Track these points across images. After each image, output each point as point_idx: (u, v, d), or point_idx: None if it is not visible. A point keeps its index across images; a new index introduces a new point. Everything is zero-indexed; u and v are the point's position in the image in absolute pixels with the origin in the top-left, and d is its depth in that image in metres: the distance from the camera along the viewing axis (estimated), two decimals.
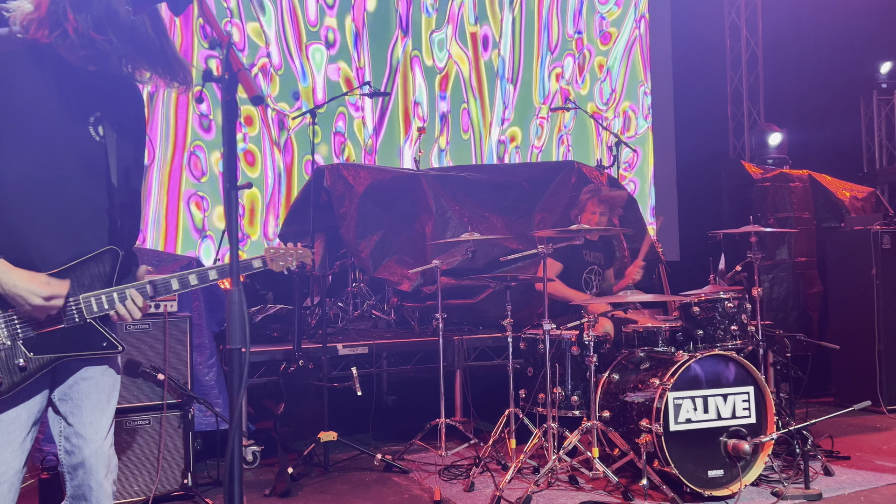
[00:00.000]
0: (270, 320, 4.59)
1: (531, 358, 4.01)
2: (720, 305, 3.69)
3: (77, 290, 1.83)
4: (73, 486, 1.90)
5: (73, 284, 1.82)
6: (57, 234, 1.82)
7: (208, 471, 3.83)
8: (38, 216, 1.79)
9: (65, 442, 1.90)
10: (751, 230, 3.95)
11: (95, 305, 1.84)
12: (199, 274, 1.94)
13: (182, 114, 6.03)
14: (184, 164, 6.03)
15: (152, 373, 3.45)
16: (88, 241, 1.87)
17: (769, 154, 7.12)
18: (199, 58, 6.11)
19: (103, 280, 1.88)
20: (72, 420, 1.89)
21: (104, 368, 1.96)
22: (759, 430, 3.46)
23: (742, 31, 8.27)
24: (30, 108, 1.77)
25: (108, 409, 1.96)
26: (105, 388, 1.95)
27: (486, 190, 5.29)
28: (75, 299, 1.83)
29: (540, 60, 7.46)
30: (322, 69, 6.53)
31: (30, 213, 1.78)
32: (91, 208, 1.88)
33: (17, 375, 1.78)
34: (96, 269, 1.87)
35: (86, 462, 1.88)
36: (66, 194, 1.83)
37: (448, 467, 3.90)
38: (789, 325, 5.39)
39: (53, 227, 1.81)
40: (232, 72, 1.34)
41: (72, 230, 1.84)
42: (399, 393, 5.28)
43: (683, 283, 4.70)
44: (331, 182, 5.06)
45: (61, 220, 1.83)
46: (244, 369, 1.36)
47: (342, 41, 6.64)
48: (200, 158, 6.08)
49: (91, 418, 1.90)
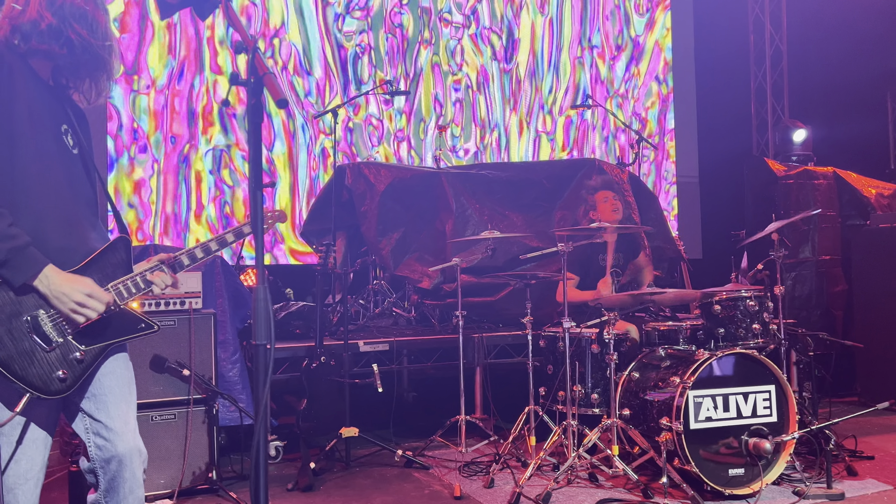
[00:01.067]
0: (293, 317, 4.65)
1: (551, 356, 4.02)
2: (742, 304, 3.67)
3: (104, 281, 1.92)
4: (107, 480, 1.95)
5: (99, 276, 1.92)
6: (66, 229, 1.92)
7: (232, 465, 3.89)
8: (52, 216, 1.89)
9: (94, 437, 1.96)
10: (778, 225, 3.91)
11: (125, 291, 1.94)
12: (202, 247, 2.07)
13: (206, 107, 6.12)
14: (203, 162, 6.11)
15: (178, 368, 3.51)
16: (92, 239, 1.97)
17: (793, 151, 7.04)
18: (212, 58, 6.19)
19: (123, 267, 1.98)
20: (99, 416, 1.95)
21: (123, 361, 2.03)
22: (781, 429, 3.44)
23: (766, 27, 8.18)
24: (27, 116, 1.87)
25: (132, 401, 2.03)
26: (125, 381, 2.02)
27: (506, 188, 5.30)
28: (105, 289, 1.91)
29: (557, 58, 7.44)
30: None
31: (46, 210, 1.88)
32: (89, 208, 2.00)
33: (76, 369, 1.87)
34: (114, 257, 1.97)
35: (119, 455, 1.94)
36: (68, 195, 1.94)
37: (468, 464, 3.93)
38: (812, 324, 5.33)
39: (64, 223, 1.91)
40: (258, 76, 1.37)
41: (78, 229, 1.95)
42: (419, 390, 5.32)
43: (705, 281, 4.68)
44: (352, 180, 5.10)
45: (70, 220, 1.93)
46: (269, 365, 1.40)
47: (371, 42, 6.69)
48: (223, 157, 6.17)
49: (117, 412, 1.96)
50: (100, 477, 1.96)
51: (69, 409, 1.98)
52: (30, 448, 1.87)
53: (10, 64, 1.85)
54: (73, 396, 1.94)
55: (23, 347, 1.80)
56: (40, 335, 1.82)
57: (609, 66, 7.64)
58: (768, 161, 6.02)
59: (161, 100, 5.97)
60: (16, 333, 1.79)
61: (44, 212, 1.87)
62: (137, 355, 3.44)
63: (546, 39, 7.37)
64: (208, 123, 6.13)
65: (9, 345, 1.78)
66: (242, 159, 6.26)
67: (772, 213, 4.90)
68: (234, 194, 6.20)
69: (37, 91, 1.91)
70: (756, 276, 4.09)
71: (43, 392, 1.81)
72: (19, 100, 1.85)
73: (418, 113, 6.85)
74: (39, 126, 1.90)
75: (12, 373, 1.77)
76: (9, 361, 1.77)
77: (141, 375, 3.44)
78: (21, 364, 1.78)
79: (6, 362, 1.77)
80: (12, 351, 1.78)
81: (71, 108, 2.04)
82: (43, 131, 1.91)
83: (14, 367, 1.78)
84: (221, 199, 6.15)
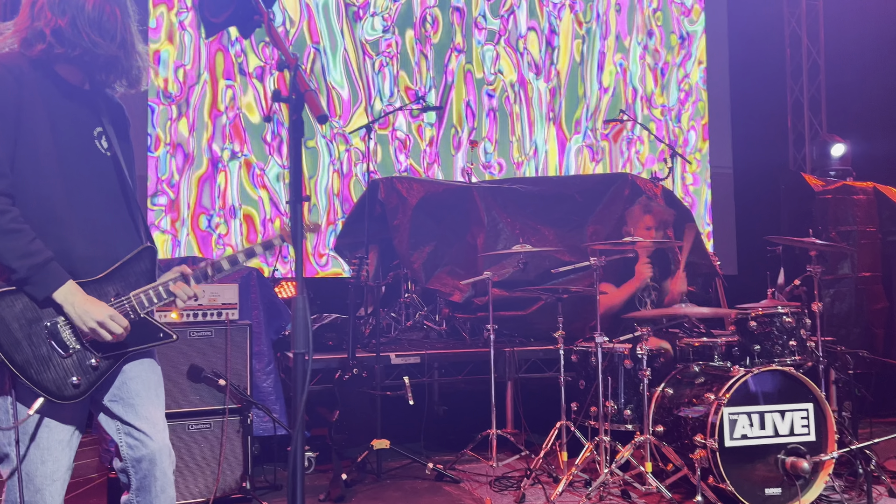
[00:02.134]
0: (326, 329, 4.70)
1: (583, 371, 4.00)
2: (778, 320, 3.62)
3: (127, 290, 1.96)
4: (138, 479, 2.00)
5: (122, 284, 1.96)
6: (93, 238, 1.95)
7: (265, 475, 3.93)
8: (73, 223, 1.92)
9: (125, 437, 2.01)
10: (813, 242, 3.86)
11: (146, 300, 1.96)
12: (229, 259, 2.07)
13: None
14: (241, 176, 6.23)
15: (214, 378, 3.58)
16: (118, 246, 1.99)
17: (831, 166, 6.92)
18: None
19: (147, 276, 2.01)
20: (128, 419, 2.00)
21: (149, 364, 2.07)
22: (819, 449, 3.37)
23: (803, 41, 8.08)
24: (51, 126, 1.90)
25: (160, 403, 2.07)
26: (152, 384, 2.06)
27: (538, 202, 5.31)
28: (127, 297, 1.95)
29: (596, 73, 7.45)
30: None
31: (67, 220, 1.91)
32: (117, 215, 2.02)
33: (91, 375, 1.91)
34: (138, 266, 2.00)
35: (149, 455, 1.99)
36: (94, 203, 1.96)
37: (499, 478, 3.91)
38: (852, 342, 5.22)
39: (88, 234, 1.94)
40: (299, 92, 1.42)
41: (104, 236, 1.97)
42: (450, 403, 5.32)
43: (741, 298, 4.61)
44: (385, 194, 5.16)
45: (93, 226, 1.95)
46: (307, 374, 1.43)
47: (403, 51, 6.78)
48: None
49: (146, 413, 2.01)
50: (131, 476, 2.00)
51: (98, 411, 2.03)
52: (55, 449, 1.91)
53: (19, 76, 1.86)
54: (98, 397, 1.99)
55: (40, 352, 1.84)
56: (58, 341, 1.86)
57: (645, 79, 7.61)
58: (806, 176, 5.93)
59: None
60: (34, 339, 1.84)
61: (69, 221, 1.90)
62: (175, 365, 3.52)
63: (583, 50, 7.38)
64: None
65: (27, 349, 1.82)
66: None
67: (809, 229, 4.81)
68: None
69: (61, 97, 1.93)
70: (793, 292, 4.03)
71: (57, 397, 1.85)
72: (34, 109, 1.86)
73: (448, 123, 6.89)
74: (65, 132, 1.92)
75: (28, 377, 1.82)
76: (25, 366, 1.82)
77: (178, 385, 3.52)
78: (37, 369, 1.83)
79: (23, 366, 1.81)
80: (29, 355, 1.83)
81: (108, 108, 2.05)
82: (70, 137, 1.93)
83: (30, 372, 1.82)
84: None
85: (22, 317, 1.83)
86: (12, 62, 1.88)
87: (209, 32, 1.75)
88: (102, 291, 1.93)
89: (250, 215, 6.25)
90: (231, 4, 1.62)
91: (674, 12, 7.80)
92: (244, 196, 6.24)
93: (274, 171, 6.33)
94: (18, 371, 1.81)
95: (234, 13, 1.63)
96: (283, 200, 6.27)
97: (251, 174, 6.26)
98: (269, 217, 6.29)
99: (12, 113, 1.83)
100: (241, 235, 6.22)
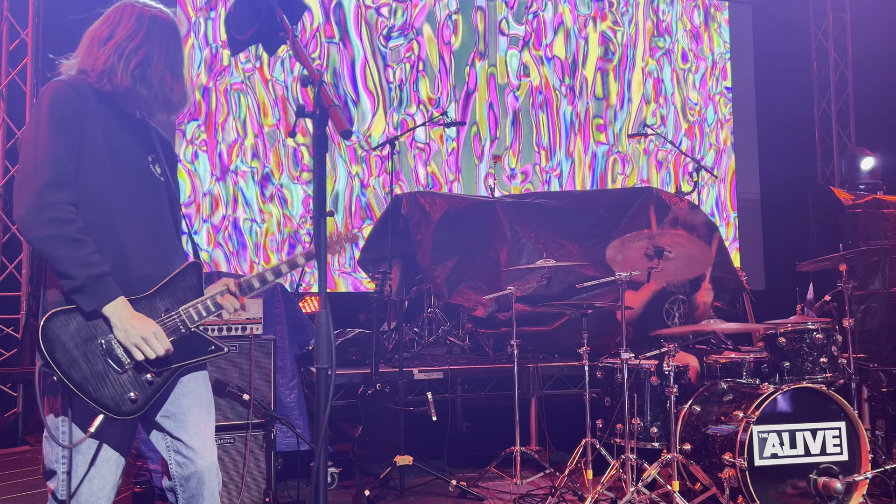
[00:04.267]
0: (349, 344, 4.70)
1: (608, 387, 3.95)
2: (808, 336, 3.55)
3: (176, 305, 2.00)
4: (186, 498, 2.02)
5: (171, 300, 2.00)
6: (147, 258, 2.01)
7: (288, 491, 3.92)
8: (131, 241, 1.98)
9: (175, 455, 2.03)
10: (843, 256, 3.79)
11: (195, 314, 2.01)
12: (272, 270, 2.14)
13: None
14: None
15: (238, 393, 3.59)
16: (170, 262, 2.06)
17: (861, 179, 6.80)
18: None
19: (194, 291, 2.05)
20: (179, 434, 2.02)
21: (202, 381, 2.10)
22: (853, 469, 3.28)
23: (830, 53, 7.99)
24: (108, 148, 1.97)
25: (210, 421, 2.09)
26: (204, 402, 2.09)
27: (561, 216, 5.28)
28: (177, 312, 1.99)
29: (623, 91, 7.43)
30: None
31: (126, 238, 1.97)
32: (168, 234, 2.09)
33: (147, 390, 1.94)
34: (186, 282, 2.05)
35: (198, 473, 2.00)
36: (150, 223, 2.04)
37: (523, 496, 3.87)
38: (884, 359, 5.09)
39: (144, 252, 2.00)
40: (323, 108, 1.43)
41: (158, 255, 2.04)
42: (473, 419, 5.28)
43: (769, 313, 4.53)
44: (408, 209, 5.17)
45: (148, 245, 2.02)
46: (330, 389, 1.43)
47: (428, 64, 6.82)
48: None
49: (197, 430, 2.03)
50: (179, 495, 2.02)
51: (149, 428, 2.06)
52: (102, 467, 1.94)
53: (84, 97, 1.95)
54: (150, 414, 2.01)
55: (97, 370, 1.87)
56: (113, 358, 1.89)
57: (672, 91, 7.58)
58: (834, 189, 5.84)
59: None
60: (90, 356, 1.87)
61: (127, 241, 1.97)
62: None
63: (611, 62, 7.37)
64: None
65: (84, 367, 1.86)
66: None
67: (838, 244, 4.73)
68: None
69: (120, 124, 2.02)
70: (823, 307, 3.95)
71: (115, 413, 1.87)
72: (94, 131, 1.94)
73: (469, 133, 6.90)
74: (122, 157, 2.00)
75: (86, 394, 1.84)
76: (83, 383, 1.85)
77: None
78: (95, 385, 1.86)
79: (81, 384, 1.84)
80: (87, 373, 1.86)
81: (158, 137, 2.16)
82: (126, 162, 2.01)
83: (88, 389, 1.85)
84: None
85: (77, 335, 1.87)
86: (79, 84, 1.97)
87: (234, 50, 1.78)
88: (153, 307, 1.98)
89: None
90: (256, 21, 1.64)
91: (700, 25, 7.76)
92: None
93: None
94: (77, 388, 1.84)
95: (259, 30, 1.65)
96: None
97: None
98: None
99: (76, 129, 1.91)
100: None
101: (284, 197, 6.34)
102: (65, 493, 1.89)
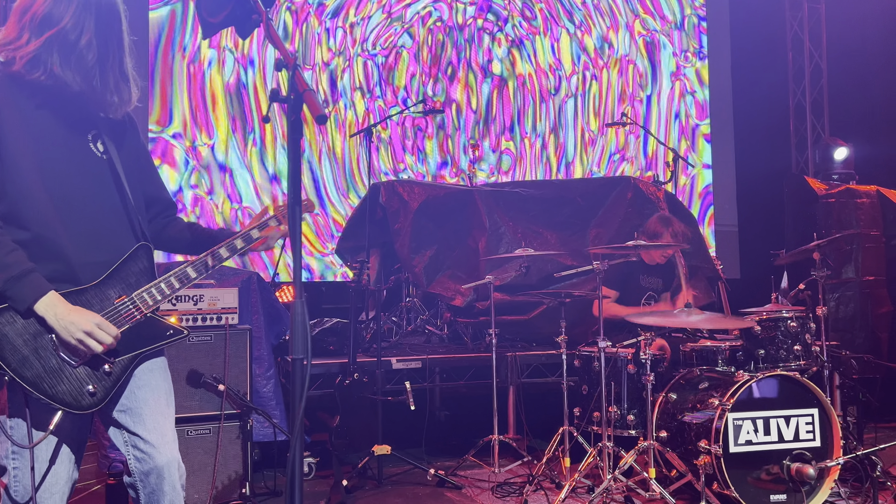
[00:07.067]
0: (326, 334, 4.67)
1: (586, 376, 3.96)
2: (782, 324, 3.59)
3: (128, 290, 1.91)
4: (147, 494, 1.95)
5: (122, 286, 1.90)
6: (90, 244, 1.88)
7: (265, 481, 3.90)
8: (70, 229, 1.85)
9: (133, 450, 1.96)
10: (817, 245, 3.83)
11: (149, 298, 1.91)
12: (227, 246, 2.01)
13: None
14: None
15: (213, 383, 3.55)
16: (117, 249, 1.93)
17: (834, 169, 6.88)
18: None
19: (146, 275, 1.96)
20: (135, 429, 1.95)
21: (160, 371, 2.01)
22: (825, 455, 3.33)
23: (805, 44, 8.06)
24: (34, 131, 1.82)
25: (169, 413, 2.01)
26: (162, 393, 2.00)
27: (539, 205, 5.28)
28: (130, 298, 1.89)
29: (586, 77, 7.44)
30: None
31: (63, 227, 1.84)
32: (114, 216, 1.94)
33: (106, 382, 1.86)
34: (136, 266, 1.94)
35: (157, 468, 1.94)
36: (90, 207, 1.90)
37: (501, 484, 3.88)
38: (856, 346, 5.18)
39: (86, 238, 1.88)
40: (297, 92, 1.39)
41: (103, 240, 1.91)
42: (452, 408, 5.28)
43: (744, 302, 4.57)
44: (386, 198, 5.14)
45: (91, 230, 1.89)
46: (305, 380, 1.40)
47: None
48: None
49: (154, 424, 1.95)
50: (140, 491, 1.96)
51: (107, 423, 1.98)
52: (54, 462, 1.86)
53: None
54: (108, 409, 1.93)
55: (50, 366, 1.78)
56: (65, 352, 1.80)
57: (645, 81, 7.60)
58: (809, 179, 5.91)
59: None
60: (41, 352, 1.78)
61: (64, 229, 1.84)
62: (174, 370, 3.42)
63: (581, 52, 7.37)
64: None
65: (36, 364, 1.76)
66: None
67: (812, 233, 4.78)
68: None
69: (48, 101, 1.85)
70: (797, 296, 3.99)
71: (75, 408, 1.80)
72: (10, 122, 1.79)
73: (447, 121, 6.87)
74: (48, 140, 1.85)
75: (42, 392, 1.76)
76: (37, 381, 1.76)
77: (177, 390, 3.45)
78: (50, 382, 1.77)
79: (35, 382, 1.75)
80: (40, 370, 1.77)
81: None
82: (55, 145, 1.86)
83: (43, 386, 1.76)
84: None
85: (25, 332, 1.77)
86: None
87: (206, 33, 1.73)
88: (104, 295, 1.88)
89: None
90: (229, 4, 1.60)
91: (674, 17, 7.79)
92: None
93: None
94: (31, 387, 1.75)
95: (231, 12, 1.60)
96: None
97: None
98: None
99: None
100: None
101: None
102: (18, 489, 1.82)
